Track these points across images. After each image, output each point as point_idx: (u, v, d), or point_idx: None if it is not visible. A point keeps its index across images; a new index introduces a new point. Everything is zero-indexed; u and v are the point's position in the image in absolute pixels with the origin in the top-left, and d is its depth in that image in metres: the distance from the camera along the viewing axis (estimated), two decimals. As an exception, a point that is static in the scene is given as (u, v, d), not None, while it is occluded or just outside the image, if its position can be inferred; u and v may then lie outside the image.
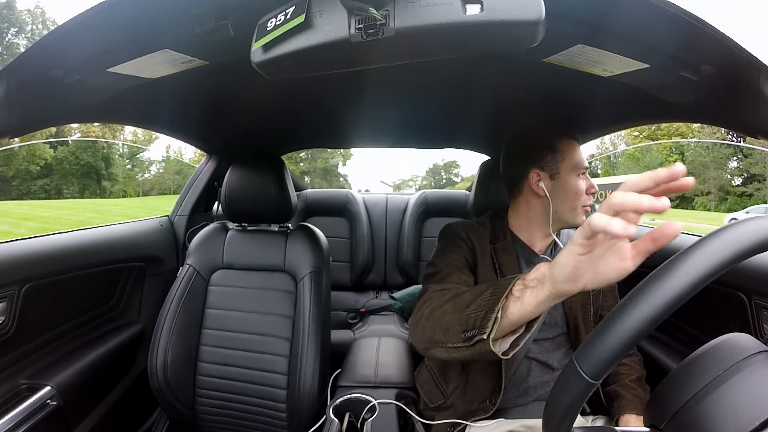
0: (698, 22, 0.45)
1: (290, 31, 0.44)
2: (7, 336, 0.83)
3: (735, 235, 0.31)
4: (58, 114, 0.72)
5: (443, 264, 0.78)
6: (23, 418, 0.79)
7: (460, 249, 0.81)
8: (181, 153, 33.49)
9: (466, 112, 1.15)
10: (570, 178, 0.79)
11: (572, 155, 0.80)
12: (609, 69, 0.63)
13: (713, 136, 20.21)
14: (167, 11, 0.52)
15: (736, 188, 24.42)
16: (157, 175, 33.12)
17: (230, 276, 1.08)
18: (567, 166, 0.80)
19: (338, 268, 1.84)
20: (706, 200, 25.10)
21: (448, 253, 0.81)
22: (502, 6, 0.39)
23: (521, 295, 0.49)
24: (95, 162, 28.10)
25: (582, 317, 0.81)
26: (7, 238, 0.89)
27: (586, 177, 0.80)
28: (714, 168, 24.49)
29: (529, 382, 0.79)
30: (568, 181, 0.79)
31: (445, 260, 0.79)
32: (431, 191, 1.94)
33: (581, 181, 0.79)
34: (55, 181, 27.35)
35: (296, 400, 0.94)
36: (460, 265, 0.78)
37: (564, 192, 0.80)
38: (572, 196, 0.79)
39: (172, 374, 0.98)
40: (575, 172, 0.79)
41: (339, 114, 1.19)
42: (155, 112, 0.99)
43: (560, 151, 0.81)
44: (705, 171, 24.56)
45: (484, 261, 0.80)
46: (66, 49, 0.55)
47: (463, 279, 0.75)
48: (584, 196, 0.79)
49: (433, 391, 0.88)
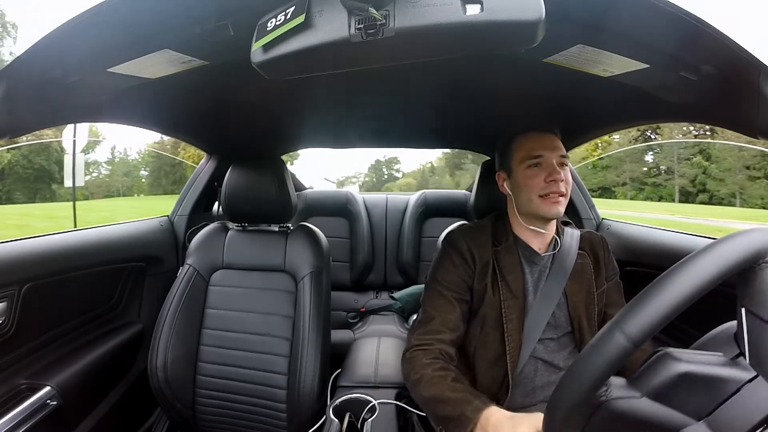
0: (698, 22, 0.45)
1: (290, 31, 0.44)
2: (7, 336, 0.83)
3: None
4: (58, 114, 0.72)
5: (435, 285, 0.83)
6: (23, 418, 0.79)
7: (454, 268, 0.82)
8: (127, 154, 33.27)
9: (466, 112, 1.15)
10: (520, 171, 0.81)
11: (521, 148, 0.82)
12: (609, 69, 0.63)
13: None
14: (167, 12, 0.52)
15: (650, 179, 27.92)
16: (102, 178, 32.50)
17: (230, 276, 1.08)
18: (517, 160, 0.82)
19: (338, 268, 1.84)
20: (624, 190, 28.73)
21: (443, 270, 0.83)
22: (502, 6, 0.39)
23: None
24: (48, 165, 27.43)
25: (586, 317, 0.81)
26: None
27: (542, 166, 0.79)
28: (630, 162, 27.93)
29: (536, 382, 0.79)
30: (518, 173, 0.82)
31: (439, 278, 0.83)
32: (431, 191, 1.94)
33: (531, 171, 0.80)
34: (7, 186, 26.97)
35: (296, 400, 0.94)
36: (449, 296, 0.81)
37: (518, 186, 0.82)
38: (525, 188, 0.80)
39: (172, 374, 0.98)
40: (524, 165, 0.81)
41: (339, 114, 1.19)
42: (155, 112, 0.99)
43: (512, 148, 0.84)
44: (621, 165, 28.18)
45: (484, 271, 0.82)
46: (66, 49, 0.55)
47: (448, 319, 0.80)
48: (539, 186, 0.78)
49: None
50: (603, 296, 0.85)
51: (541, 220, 0.81)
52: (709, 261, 0.33)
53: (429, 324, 0.79)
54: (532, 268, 0.83)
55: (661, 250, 1.10)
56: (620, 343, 0.34)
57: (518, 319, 0.78)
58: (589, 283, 0.83)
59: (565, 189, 0.79)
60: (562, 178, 0.78)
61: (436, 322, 0.79)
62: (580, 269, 0.83)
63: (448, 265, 0.83)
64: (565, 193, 0.79)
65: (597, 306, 0.83)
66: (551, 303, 0.80)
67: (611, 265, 0.89)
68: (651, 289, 0.35)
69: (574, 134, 1.24)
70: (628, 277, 1.19)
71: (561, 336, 0.81)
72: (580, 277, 0.83)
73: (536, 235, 0.84)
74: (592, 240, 0.89)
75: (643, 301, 0.34)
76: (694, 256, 0.34)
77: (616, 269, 0.90)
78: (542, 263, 0.83)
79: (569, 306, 0.81)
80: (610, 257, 0.89)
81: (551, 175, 0.78)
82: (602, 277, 0.86)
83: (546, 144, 0.80)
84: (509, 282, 0.80)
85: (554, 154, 0.79)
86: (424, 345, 0.77)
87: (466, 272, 0.82)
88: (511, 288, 0.80)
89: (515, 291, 0.80)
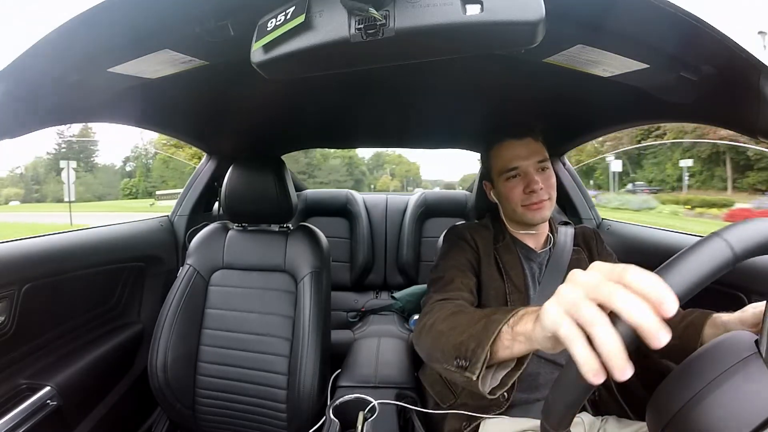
0: (698, 22, 0.45)
1: (290, 31, 0.44)
2: (7, 336, 0.83)
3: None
4: (58, 114, 0.72)
5: (446, 267, 0.79)
6: (23, 418, 0.79)
7: (463, 251, 0.82)
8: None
9: (466, 112, 1.16)
10: (500, 183, 0.82)
11: (498, 159, 0.82)
12: (609, 69, 0.63)
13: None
14: (167, 11, 0.52)
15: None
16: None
17: (230, 276, 1.08)
18: (495, 172, 0.83)
19: (338, 268, 1.84)
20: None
21: (451, 256, 0.82)
22: (502, 6, 0.39)
23: (510, 345, 0.47)
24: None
25: None
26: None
27: (520, 177, 0.79)
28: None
29: (539, 380, 0.80)
30: (499, 185, 0.83)
31: (449, 263, 0.80)
32: (431, 191, 1.94)
33: (510, 183, 0.80)
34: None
35: (296, 400, 0.94)
36: (464, 268, 0.79)
37: (501, 196, 0.83)
38: (506, 199, 0.81)
39: (172, 374, 0.98)
40: (503, 177, 0.81)
41: (339, 114, 1.19)
42: (155, 112, 0.99)
43: (491, 158, 0.84)
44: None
45: (488, 261, 0.82)
46: (66, 49, 0.54)
47: (465, 283, 0.76)
48: (519, 197, 0.79)
49: (444, 391, 0.87)
50: None
51: (529, 225, 0.83)
52: None
53: (450, 284, 0.75)
54: (531, 264, 0.84)
55: (661, 250, 1.10)
56: (723, 249, 0.30)
57: None
58: None
59: (548, 194, 0.79)
60: (540, 186, 0.77)
61: (457, 282, 0.76)
62: (577, 264, 0.84)
63: (456, 250, 0.83)
64: (549, 198, 0.79)
65: None
66: None
67: (605, 252, 0.89)
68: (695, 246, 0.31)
69: (574, 134, 1.24)
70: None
71: None
72: None
73: (530, 235, 0.86)
74: (585, 234, 0.90)
75: (683, 256, 0.31)
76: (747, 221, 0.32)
77: (613, 255, 0.90)
78: (539, 260, 0.85)
79: None
80: (603, 246, 0.90)
81: (529, 185, 0.78)
82: None
83: (520, 153, 0.79)
84: (512, 276, 0.81)
85: (530, 161, 0.79)
86: (445, 299, 0.72)
87: (473, 255, 0.83)
88: (515, 282, 0.81)
89: (518, 285, 0.81)
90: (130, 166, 34.98)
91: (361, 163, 41.92)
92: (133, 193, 33.22)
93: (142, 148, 32.86)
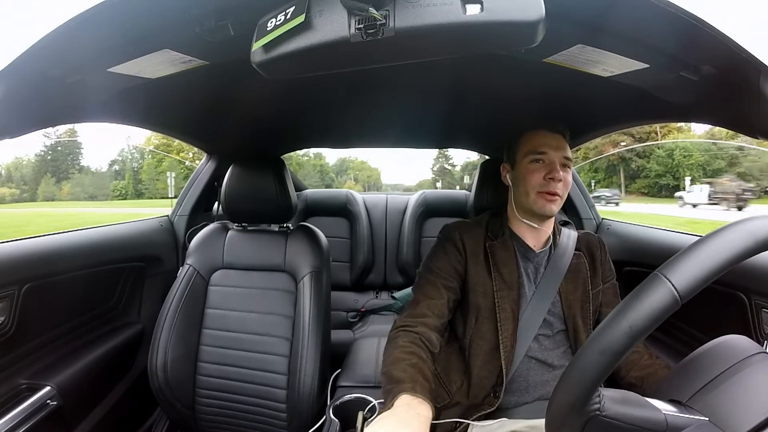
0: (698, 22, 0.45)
1: (290, 31, 0.44)
2: (7, 336, 0.83)
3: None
4: (58, 114, 0.72)
5: (426, 271, 0.86)
6: (23, 418, 0.79)
7: (446, 255, 0.85)
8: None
9: (466, 112, 1.16)
10: (522, 164, 0.83)
11: (528, 142, 0.83)
12: (609, 69, 0.63)
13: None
14: (167, 11, 0.52)
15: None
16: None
17: (230, 276, 1.08)
18: (522, 153, 0.84)
19: (338, 268, 1.84)
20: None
21: (434, 260, 0.86)
22: (502, 6, 0.39)
23: None
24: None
25: (581, 316, 0.82)
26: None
27: (544, 163, 0.80)
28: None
29: (529, 381, 0.80)
30: (521, 166, 0.83)
31: (430, 267, 0.86)
32: (431, 191, 1.94)
33: (533, 165, 0.81)
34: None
35: (296, 400, 0.94)
36: (444, 274, 0.84)
37: (518, 178, 0.84)
38: (524, 182, 0.82)
39: (172, 374, 0.99)
40: (528, 158, 0.82)
41: (339, 114, 1.19)
42: (155, 112, 0.99)
43: (519, 141, 0.85)
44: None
45: (476, 261, 0.84)
46: (66, 49, 0.55)
47: (435, 301, 0.81)
48: (537, 181, 0.80)
49: (438, 391, 0.87)
50: (599, 296, 0.86)
51: (536, 216, 0.83)
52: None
53: (415, 307, 0.81)
54: (527, 263, 0.84)
55: (661, 250, 1.10)
56: (667, 290, 0.29)
57: (511, 309, 0.79)
58: (584, 282, 0.84)
59: (562, 191, 0.80)
60: (560, 178, 0.79)
61: (422, 306, 0.81)
62: (576, 269, 0.84)
63: (440, 254, 0.86)
64: (561, 194, 0.80)
65: (592, 305, 0.83)
66: (546, 301, 0.80)
67: (608, 266, 0.90)
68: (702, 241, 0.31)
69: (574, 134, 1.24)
70: (627, 277, 1.19)
71: (555, 334, 0.82)
72: (576, 277, 0.83)
73: (531, 230, 0.86)
74: (589, 241, 0.90)
75: (690, 252, 0.30)
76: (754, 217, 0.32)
77: (613, 272, 0.90)
78: (536, 260, 0.84)
79: (563, 304, 0.82)
80: (606, 258, 0.90)
81: (551, 172, 0.79)
82: (598, 278, 0.86)
83: (551, 143, 0.81)
84: (503, 274, 0.81)
85: (558, 153, 0.81)
86: (406, 326, 0.79)
87: (457, 259, 0.85)
88: (505, 279, 0.81)
89: (509, 283, 0.81)
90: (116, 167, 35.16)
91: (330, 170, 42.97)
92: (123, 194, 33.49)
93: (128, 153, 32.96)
